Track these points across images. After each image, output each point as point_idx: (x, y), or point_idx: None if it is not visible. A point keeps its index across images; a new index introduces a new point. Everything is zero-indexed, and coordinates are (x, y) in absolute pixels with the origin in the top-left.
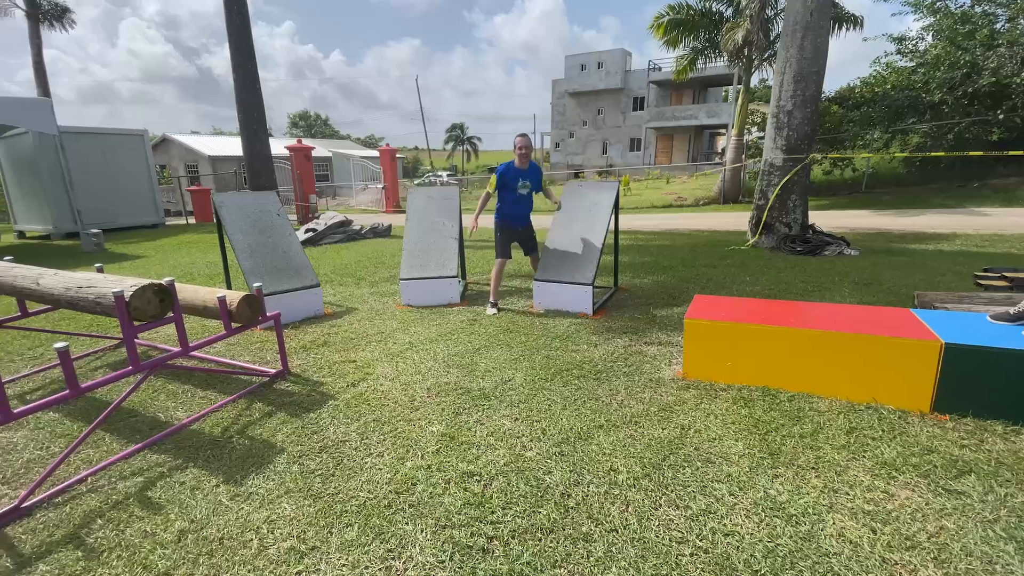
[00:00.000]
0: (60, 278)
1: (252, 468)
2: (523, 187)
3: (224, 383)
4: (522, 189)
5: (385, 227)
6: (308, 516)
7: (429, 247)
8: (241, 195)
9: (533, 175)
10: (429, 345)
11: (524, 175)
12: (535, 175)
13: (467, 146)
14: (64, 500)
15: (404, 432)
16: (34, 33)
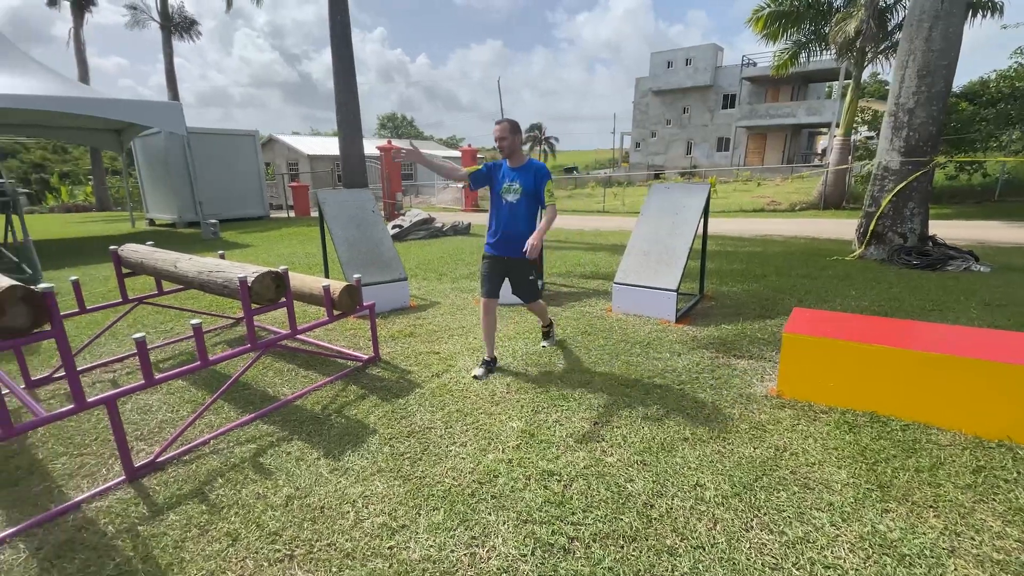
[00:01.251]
0: (194, 263)
1: (348, 445)
2: (508, 191)
3: (322, 365)
4: (507, 194)
5: (465, 225)
6: (398, 496)
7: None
8: (341, 192)
9: (528, 177)
10: (508, 342)
11: (514, 175)
12: (532, 178)
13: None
14: (191, 458)
15: (485, 425)
16: (167, 43)
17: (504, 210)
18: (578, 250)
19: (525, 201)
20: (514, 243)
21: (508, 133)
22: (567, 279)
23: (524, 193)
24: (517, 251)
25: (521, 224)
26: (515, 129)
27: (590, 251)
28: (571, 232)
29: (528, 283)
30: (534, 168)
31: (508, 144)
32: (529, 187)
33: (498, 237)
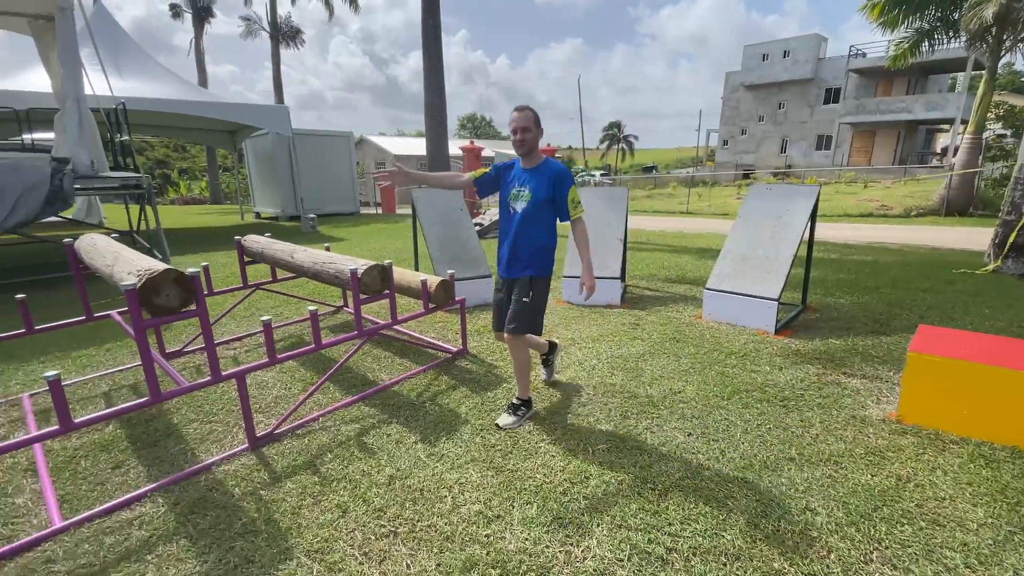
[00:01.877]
0: (308, 254)
1: (443, 433)
2: (517, 197)
3: (415, 354)
4: (515, 201)
5: None
6: (492, 486)
7: (596, 245)
8: (432, 192)
9: (542, 182)
10: (592, 344)
11: (525, 178)
12: (547, 182)
13: (622, 144)
14: (303, 432)
15: (574, 425)
16: (275, 51)
17: (512, 221)
18: (661, 252)
19: (536, 211)
20: (519, 262)
21: (532, 124)
22: (651, 282)
23: (535, 201)
24: (519, 270)
25: (530, 239)
26: (538, 120)
27: (674, 254)
28: (652, 233)
29: (519, 306)
30: (551, 171)
31: (531, 138)
32: (542, 194)
33: (504, 254)
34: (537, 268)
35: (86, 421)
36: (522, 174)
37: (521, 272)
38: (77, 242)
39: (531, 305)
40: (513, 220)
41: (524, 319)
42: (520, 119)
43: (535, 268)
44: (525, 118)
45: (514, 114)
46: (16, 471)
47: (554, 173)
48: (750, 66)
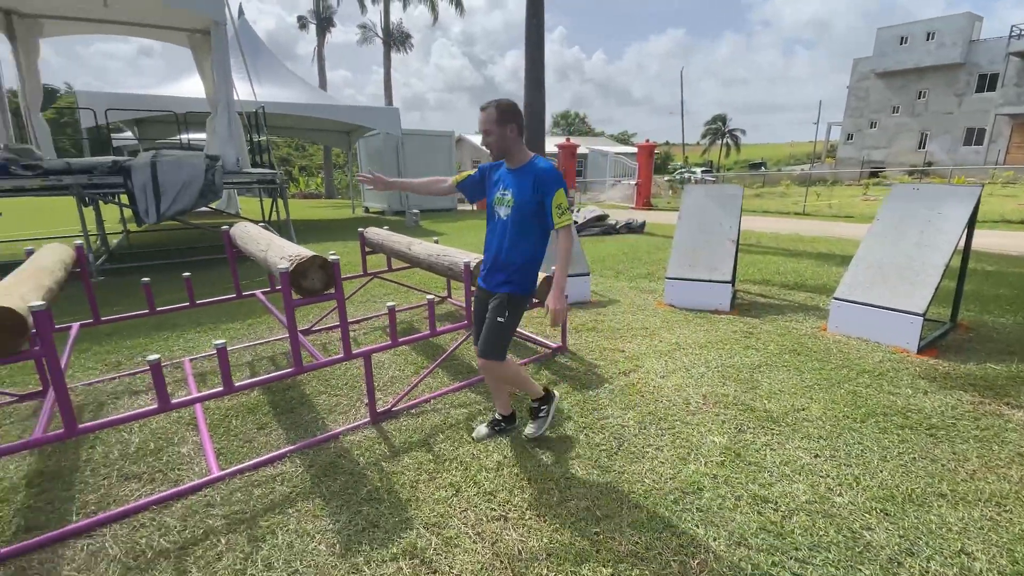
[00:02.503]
0: (424, 247)
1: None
2: (500, 202)
3: (515, 347)
4: (499, 206)
5: (639, 223)
6: (598, 485)
7: (701, 247)
8: None
9: (524, 184)
10: (699, 351)
11: (508, 181)
12: (530, 184)
13: (727, 139)
14: (417, 412)
15: (683, 434)
16: (386, 56)
17: (495, 228)
18: (775, 256)
19: (521, 218)
20: (499, 275)
21: (493, 125)
22: (764, 288)
23: (519, 206)
24: (498, 284)
25: (514, 251)
26: (506, 117)
27: (790, 258)
28: (763, 235)
29: (492, 326)
30: (535, 171)
31: (496, 141)
32: (525, 198)
33: (486, 263)
34: (518, 285)
35: (243, 386)
36: (506, 176)
37: (499, 287)
38: (232, 229)
39: (504, 326)
40: (497, 227)
41: (496, 343)
42: (480, 120)
43: (515, 285)
44: (484, 118)
45: (481, 115)
46: (180, 424)
47: (539, 173)
48: (884, 51)
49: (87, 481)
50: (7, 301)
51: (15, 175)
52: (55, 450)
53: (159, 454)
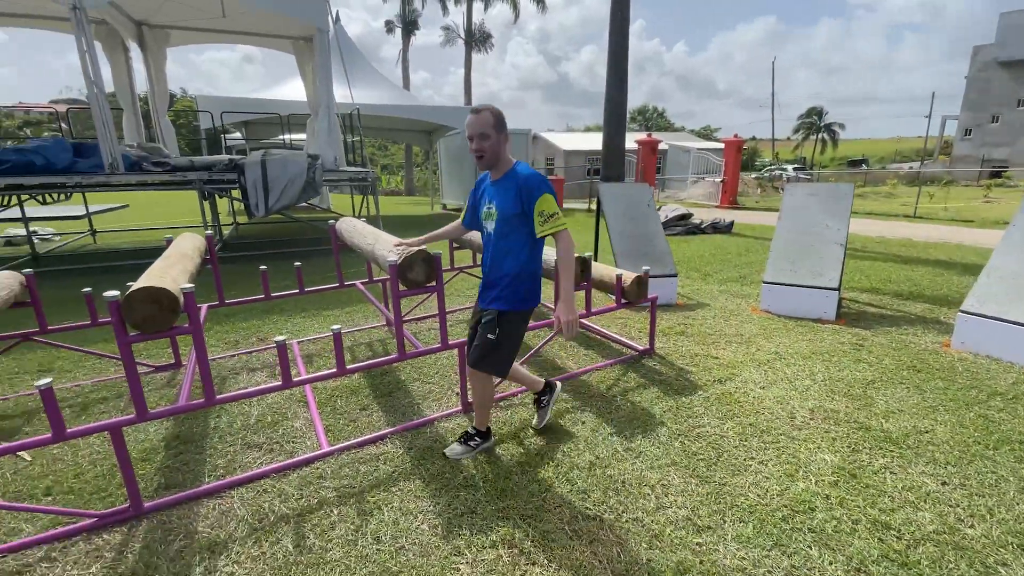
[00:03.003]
0: None
1: (637, 430)
2: (487, 216)
3: (599, 347)
4: (486, 220)
5: (727, 223)
6: (698, 495)
7: (804, 250)
8: (618, 185)
9: (507, 194)
10: (802, 361)
11: (491, 193)
12: (513, 194)
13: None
14: (505, 405)
15: (789, 449)
16: (467, 56)
17: (486, 244)
18: (884, 262)
19: (507, 230)
20: (490, 291)
21: (491, 128)
22: (874, 297)
23: (503, 218)
24: (489, 300)
25: (500, 263)
26: (500, 123)
27: (903, 265)
28: (868, 239)
29: (483, 343)
30: (517, 179)
31: (490, 146)
32: (507, 207)
33: (482, 279)
34: (508, 300)
35: (353, 369)
36: (489, 188)
37: (490, 303)
38: (338, 223)
39: (496, 344)
40: (487, 244)
41: (487, 359)
42: (476, 123)
43: (505, 300)
44: (482, 121)
45: (469, 118)
46: (292, 401)
47: (521, 180)
48: (1008, 38)
49: (216, 447)
50: (164, 283)
51: (147, 171)
52: (187, 417)
53: (275, 427)
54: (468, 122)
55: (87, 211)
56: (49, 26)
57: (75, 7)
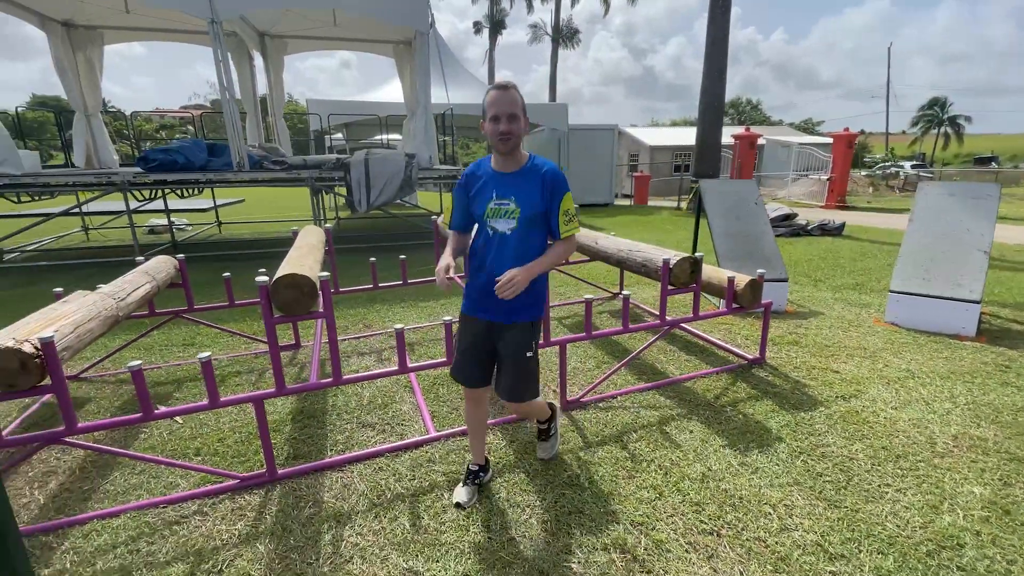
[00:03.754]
0: (612, 241)
1: (752, 444)
2: (497, 214)
3: (702, 353)
4: (495, 219)
5: (837, 225)
6: (827, 520)
7: (940, 257)
8: (722, 182)
9: (532, 190)
10: (939, 382)
11: (505, 187)
12: (539, 190)
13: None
14: (604, 406)
15: (931, 478)
16: (554, 53)
17: (490, 245)
18: None
19: (525, 230)
20: (512, 301)
21: (520, 111)
22: (1019, 312)
23: (527, 217)
24: (510, 311)
25: (510, 263)
26: (524, 105)
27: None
28: (1008, 247)
29: (523, 368)
30: (542, 173)
31: (518, 132)
32: (533, 206)
33: (479, 287)
34: (537, 307)
35: None
36: (500, 180)
37: (515, 316)
38: (439, 218)
39: (536, 359)
40: (493, 243)
41: (533, 383)
42: (505, 101)
43: (536, 307)
44: (511, 100)
45: (493, 94)
46: (399, 386)
47: (548, 175)
48: None
49: (334, 424)
50: (304, 271)
51: (267, 169)
52: (310, 394)
53: (386, 409)
54: (494, 99)
55: (215, 204)
56: (186, 39)
57: (213, 20)
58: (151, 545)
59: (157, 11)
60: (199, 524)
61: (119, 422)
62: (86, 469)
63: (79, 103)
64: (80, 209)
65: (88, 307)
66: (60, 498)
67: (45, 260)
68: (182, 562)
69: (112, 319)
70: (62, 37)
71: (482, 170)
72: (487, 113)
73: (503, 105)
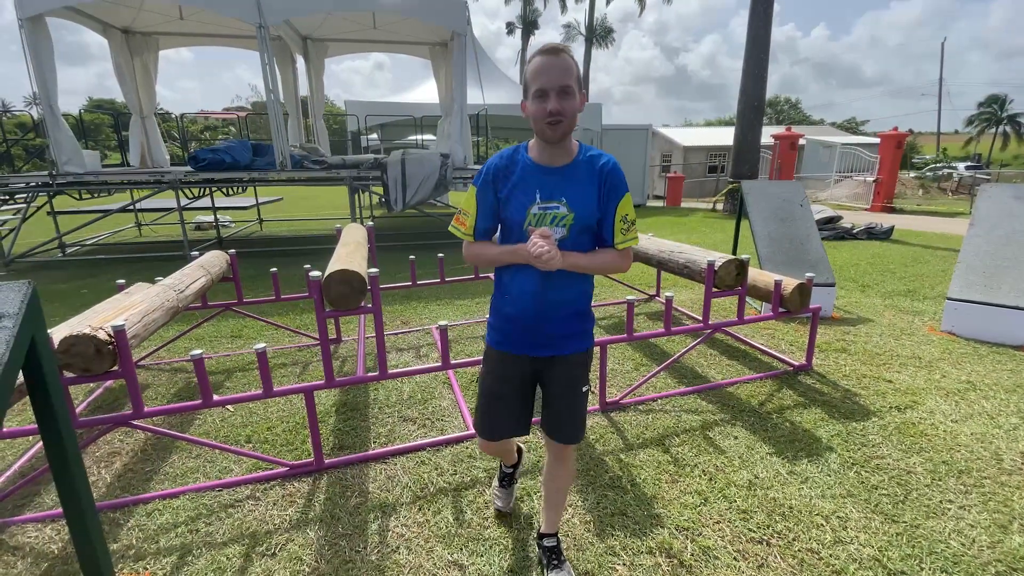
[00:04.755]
0: (652, 242)
1: (801, 453)
2: (542, 218)
3: (744, 359)
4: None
5: (885, 229)
6: (885, 535)
7: (1004, 264)
8: (766, 183)
9: (588, 188)
10: (1004, 395)
11: (553, 184)
12: (596, 188)
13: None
14: (644, 409)
15: (997, 495)
16: (587, 52)
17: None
18: None
19: (579, 241)
20: (564, 328)
21: (576, 83)
22: None
23: (582, 223)
24: (565, 338)
25: (571, 285)
26: (580, 76)
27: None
28: None
29: (582, 405)
30: (597, 167)
31: (572, 111)
32: (589, 210)
33: (520, 314)
34: (590, 332)
35: None
36: (545, 176)
37: (574, 345)
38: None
39: (586, 396)
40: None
41: (584, 419)
42: (557, 69)
43: (589, 334)
44: (564, 68)
45: (540, 60)
46: (437, 382)
47: (605, 170)
48: None
49: (376, 417)
50: (356, 268)
51: (308, 168)
52: (351, 388)
53: (426, 404)
54: (541, 66)
55: (256, 201)
56: (232, 44)
57: (260, 25)
58: (209, 526)
59: (208, 16)
60: (252, 508)
61: (183, 407)
62: (147, 451)
63: (135, 105)
64: (134, 206)
65: (152, 298)
66: (124, 478)
67: (103, 254)
68: (238, 543)
69: (173, 310)
70: (121, 43)
71: (516, 162)
72: (529, 88)
73: (554, 75)
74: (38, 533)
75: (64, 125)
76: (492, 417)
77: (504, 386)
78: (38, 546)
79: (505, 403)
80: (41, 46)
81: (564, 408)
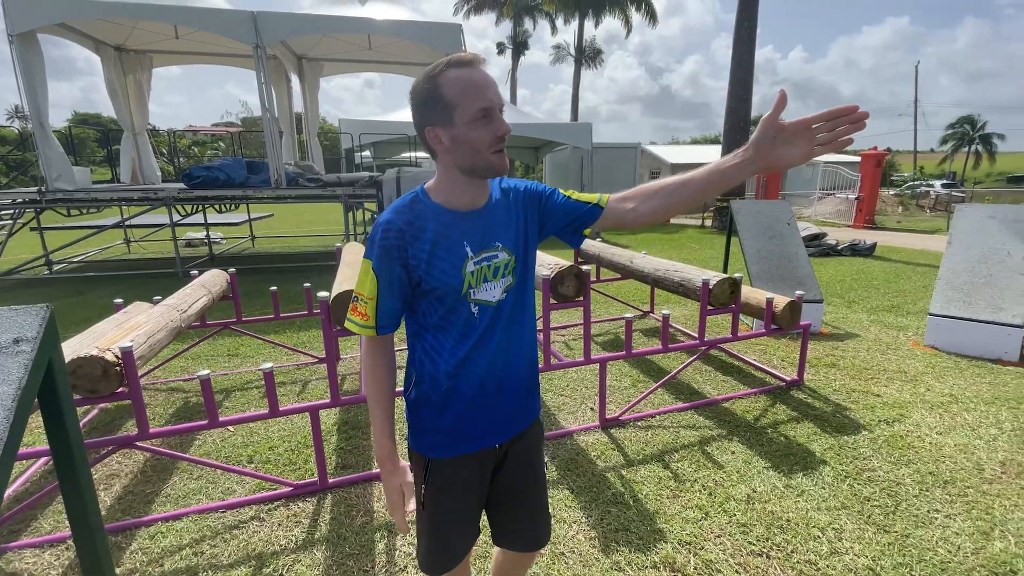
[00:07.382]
0: (647, 260)
1: (796, 467)
2: (481, 274)
3: (738, 374)
4: (481, 287)
5: (868, 245)
6: (878, 544)
7: (981, 280)
8: (754, 203)
9: (517, 219)
10: (984, 407)
11: (483, 229)
12: (521, 217)
13: (978, 146)
14: (643, 425)
15: (980, 504)
16: (576, 73)
17: (473, 330)
18: None
19: (523, 286)
20: (520, 400)
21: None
22: None
23: (523, 269)
24: (528, 418)
25: (530, 348)
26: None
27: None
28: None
29: (544, 484)
30: (513, 189)
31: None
32: (529, 243)
33: (478, 390)
34: (539, 396)
35: None
36: (467, 222)
37: (532, 413)
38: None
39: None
40: (480, 325)
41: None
42: (494, 83)
43: (539, 398)
44: (492, 84)
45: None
46: None
47: (520, 188)
48: None
49: None
50: None
51: (303, 186)
52: (352, 407)
53: None
54: (479, 80)
55: (249, 218)
56: (226, 62)
57: (257, 45)
58: (214, 548)
59: (203, 35)
60: (257, 529)
61: (189, 428)
62: (147, 473)
63: (127, 122)
64: (124, 223)
65: (156, 318)
66: (125, 500)
67: (91, 271)
68: (244, 565)
69: (176, 329)
70: (114, 61)
71: (422, 214)
72: (460, 108)
73: (495, 90)
74: (36, 559)
75: (55, 141)
76: (451, 544)
77: (465, 499)
78: (37, 572)
79: (463, 516)
80: (32, 62)
81: (534, 496)
